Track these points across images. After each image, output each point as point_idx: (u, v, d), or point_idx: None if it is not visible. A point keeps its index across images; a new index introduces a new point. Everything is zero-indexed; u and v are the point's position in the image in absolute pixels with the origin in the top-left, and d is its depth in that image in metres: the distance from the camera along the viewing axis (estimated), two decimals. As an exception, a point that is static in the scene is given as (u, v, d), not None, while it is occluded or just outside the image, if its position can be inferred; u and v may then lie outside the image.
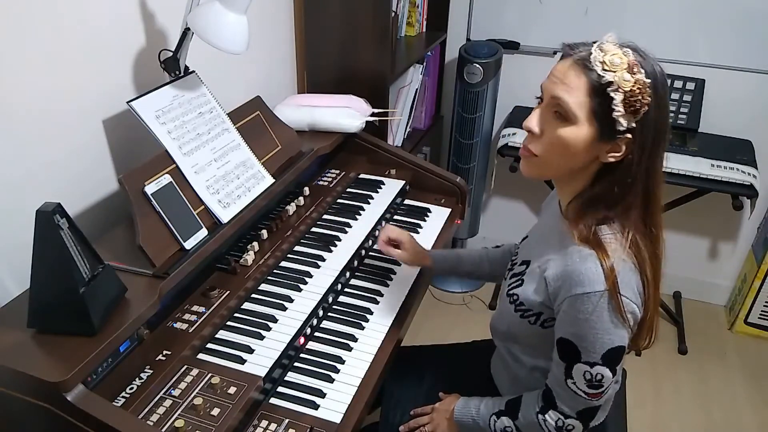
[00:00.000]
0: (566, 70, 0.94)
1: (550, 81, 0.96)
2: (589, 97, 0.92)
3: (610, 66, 0.90)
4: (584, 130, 0.94)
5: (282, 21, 1.88)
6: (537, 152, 0.99)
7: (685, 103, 2.24)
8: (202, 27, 1.17)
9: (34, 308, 0.94)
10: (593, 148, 0.95)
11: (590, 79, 0.91)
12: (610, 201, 0.98)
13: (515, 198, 2.75)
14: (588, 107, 0.92)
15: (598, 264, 0.94)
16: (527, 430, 1.08)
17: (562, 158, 0.97)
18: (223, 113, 1.37)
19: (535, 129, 0.97)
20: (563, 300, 0.98)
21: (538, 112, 0.98)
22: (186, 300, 1.17)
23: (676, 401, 2.18)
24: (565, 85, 0.93)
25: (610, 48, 0.92)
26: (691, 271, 2.62)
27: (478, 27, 2.46)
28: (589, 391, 1.00)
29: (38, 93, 1.12)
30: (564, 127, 0.94)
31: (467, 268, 1.40)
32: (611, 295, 0.93)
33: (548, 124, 0.96)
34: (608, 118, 0.92)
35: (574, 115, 0.93)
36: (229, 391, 0.98)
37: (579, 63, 0.93)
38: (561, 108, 0.94)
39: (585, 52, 0.93)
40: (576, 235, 0.98)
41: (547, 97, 0.96)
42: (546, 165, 1.00)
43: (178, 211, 1.17)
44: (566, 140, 0.95)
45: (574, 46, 0.96)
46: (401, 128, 2.20)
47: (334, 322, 1.27)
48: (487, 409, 1.14)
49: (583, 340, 0.97)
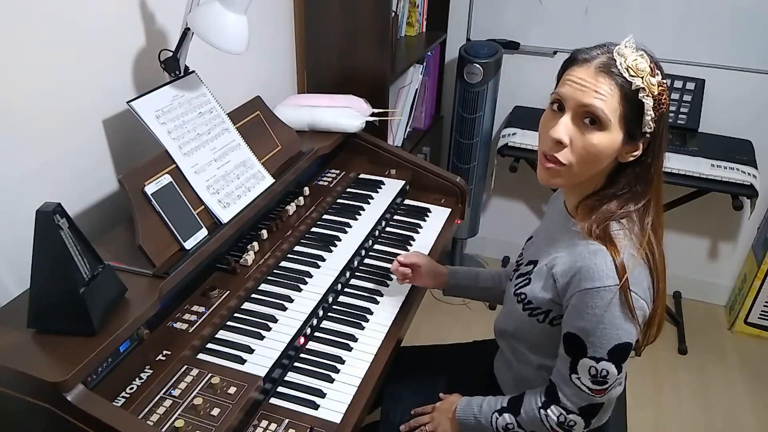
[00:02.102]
0: (592, 77, 0.93)
1: (576, 89, 0.94)
2: (621, 103, 0.92)
3: (637, 71, 0.91)
4: (615, 135, 0.94)
5: (282, 21, 1.88)
6: (567, 162, 0.97)
7: (685, 103, 2.24)
8: (202, 27, 1.17)
9: (34, 308, 0.94)
10: (617, 152, 0.97)
11: (620, 86, 0.92)
12: (631, 198, 0.99)
13: (515, 198, 2.75)
14: (620, 113, 0.93)
15: (609, 259, 0.95)
16: (529, 426, 1.09)
17: (592, 164, 0.97)
18: (223, 113, 1.36)
19: (565, 139, 0.95)
20: (572, 295, 0.98)
21: (565, 121, 0.95)
22: (186, 300, 1.17)
23: (676, 401, 2.18)
24: (596, 93, 0.92)
25: (628, 53, 0.92)
26: (691, 271, 2.62)
27: (478, 27, 2.46)
28: (593, 387, 1.00)
29: (38, 93, 1.12)
30: (597, 134, 0.94)
31: (484, 283, 1.38)
32: (621, 290, 0.94)
33: (576, 133, 0.95)
34: (636, 121, 0.94)
35: (609, 120, 0.93)
36: (229, 391, 0.98)
37: (604, 69, 0.92)
38: (594, 115, 0.93)
39: (605, 58, 0.93)
40: (585, 231, 0.99)
41: (575, 105, 0.94)
42: (575, 173, 0.98)
43: (178, 211, 1.17)
44: (600, 147, 0.95)
45: (588, 51, 0.96)
46: (401, 128, 2.20)
47: (334, 322, 1.27)
48: (489, 407, 1.14)
49: (590, 334, 0.97)
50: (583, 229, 0.99)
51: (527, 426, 1.09)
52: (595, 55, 0.94)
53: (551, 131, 0.96)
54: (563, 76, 0.98)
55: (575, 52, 0.98)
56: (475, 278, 1.39)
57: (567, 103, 0.96)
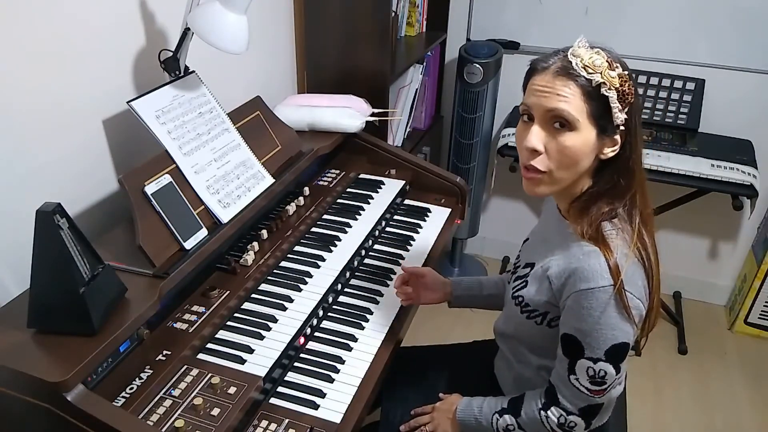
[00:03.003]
0: (551, 81, 0.95)
1: (539, 96, 0.96)
2: (585, 101, 0.94)
3: (594, 68, 0.93)
4: (587, 133, 0.95)
5: (282, 21, 1.88)
6: (546, 168, 0.98)
7: (685, 103, 2.24)
8: (202, 27, 1.17)
9: (34, 308, 0.94)
10: (596, 148, 0.98)
11: (581, 85, 0.93)
12: (616, 193, 1.00)
13: (515, 198, 2.75)
14: (586, 111, 0.94)
15: (602, 260, 0.95)
16: (530, 427, 1.09)
17: (572, 167, 0.98)
18: (223, 113, 1.37)
19: (539, 147, 0.96)
20: (568, 296, 0.99)
21: (535, 129, 0.97)
22: (186, 300, 1.17)
23: (676, 401, 2.18)
24: (558, 96, 0.94)
25: (583, 52, 0.94)
26: (691, 271, 2.61)
27: (478, 27, 2.45)
28: (592, 388, 1.00)
29: (38, 93, 1.12)
30: (568, 135, 0.95)
31: (488, 291, 1.37)
32: (615, 290, 0.94)
33: (549, 139, 0.96)
34: (605, 117, 0.95)
35: (576, 120, 0.94)
36: (229, 391, 0.98)
37: (562, 72, 0.94)
38: (562, 118, 0.94)
39: (561, 62, 0.95)
40: (578, 233, 0.99)
41: (541, 112, 0.96)
42: (557, 179, 0.99)
43: (178, 211, 1.17)
44: (574, 148, 0.95)
45: (545, 59, 0.97)
46: (401, 128, 2.20)
47: (334, 322, 1.27)
48: (490, 408, 1.14)
49: (587, 335, 0.97)
50: (576, 231, 1.00)
51: (527, 427, 1.09)
52: (552, 61, 0.96)
53: (525, 141, 0.98)
54: (527, 87, 0.99)
55: (533, 62, 1.00)
56: (479, 287, 1.38)
57: (535, 112, 0.97)
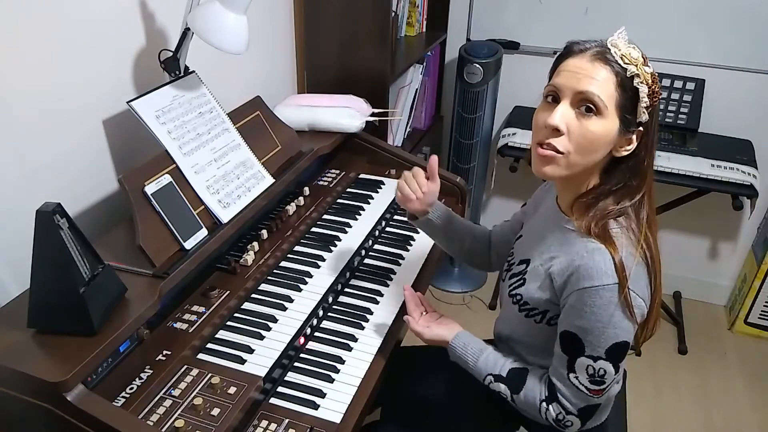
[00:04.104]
0: (588, 64, 0.94)
1: (572, 77, 0.94)
2: (616, 89, 0.93)
3: (631, 59, 0.93)
4: (611, 122, 0.95)
5: (282, 21, 1.88)
6: (565, 150, 0.96)
7: (685, 103, 2.24)
8: (202, 27, 1.17)
9: (34, 308, 0.94)
10: (614, 141, 0.97)
11: (616, 72, 0.93)
12: (626, 193, 1.00)
13: (515, 198, 2.75)
14: (615, 100, 0.94)
15: (608, 257, 0.95)
16: (523, 406, 1.08)
17: (590, 153, 0.97)
18: (223, 113, 1.36)
19: (562, 126, 0.95)
20: (570, 293, 0.98)
21: (561, 108, 0.95)
22: (186, 300, 1.17)
23: (676, 401, 2.18)
24: (593, 79, 0.93)
25: (621, 43, 0.94)
26: (691, 271, 2.61)
27: (478, 27, 2.46)
28: (591, 387, 1.00)
29: (38, 93, 1.12)
30: (594, 120, 0.94)
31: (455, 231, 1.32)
32: (620, 289, 0.94)
33: (573, 120, 0.95)
34: (631, 111, 0.95)
35: (605, 106, 0.93)
36: (229, 391, 0.98)
37: (599, 57, 0.94)
38: (591, 102, 0.93)
39: (599, 48, 0.95)
40: (584, 229, 0.98)
41: (570, 93, 0.94)
42: (572, 163, 0.98)
43: (178, 211, 1.17)
44: (597, 134, 0.94)
45: (582, 43, 0.97)
46: (401, 128, 2.20)
47: (334, 322, 1.27)
48: (486, 366, 1.12)
49: (588, 333, 0.97)
50: (581, 228, 0.99)
51: (521, 405, 1.08)
52: (590, 46, 0.96)
53: (548, 119, 0.95)
54: (557, 69, 0.98)
55: (569, 44, 0.99)
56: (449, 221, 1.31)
57: (563, 93, 0.96)
